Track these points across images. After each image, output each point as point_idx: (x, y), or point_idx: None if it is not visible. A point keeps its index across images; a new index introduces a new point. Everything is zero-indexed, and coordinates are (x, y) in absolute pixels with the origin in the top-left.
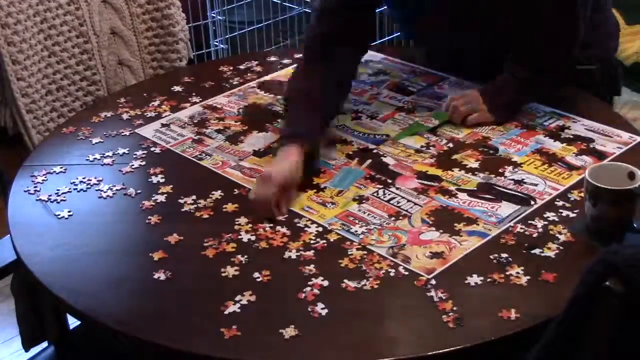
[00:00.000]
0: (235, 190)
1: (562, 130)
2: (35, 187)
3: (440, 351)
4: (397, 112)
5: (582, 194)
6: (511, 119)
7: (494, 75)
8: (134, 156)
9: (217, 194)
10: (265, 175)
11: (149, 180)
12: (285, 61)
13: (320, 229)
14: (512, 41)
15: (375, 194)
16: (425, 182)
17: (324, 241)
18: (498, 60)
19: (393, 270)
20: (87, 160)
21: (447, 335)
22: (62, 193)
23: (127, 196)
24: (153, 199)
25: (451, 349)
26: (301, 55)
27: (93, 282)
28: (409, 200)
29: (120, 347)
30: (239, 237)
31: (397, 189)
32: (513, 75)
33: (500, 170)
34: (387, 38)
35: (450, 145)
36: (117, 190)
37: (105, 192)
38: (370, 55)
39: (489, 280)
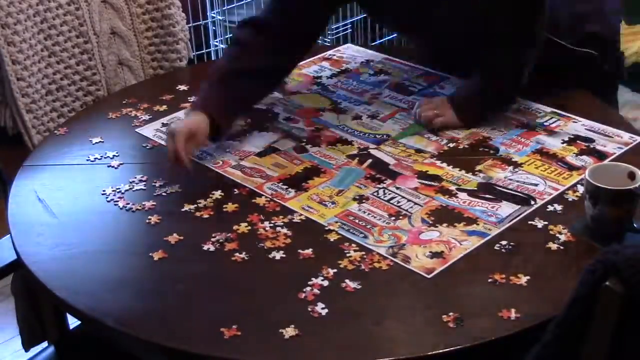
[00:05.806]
0: (236, 190)
1: (562, 130)
2: (35, 186)
3: (440, 351)
4: (398, 111)
5: (580, 194)
6: (478, 125)
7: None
8: (135, 156)
9: (217, 193)
10: (170, 130)
11: (149, 179)
12: None
13: (321, 228)
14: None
15: (375, 194)
16: (426, 182)
17: (324, 241)
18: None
19: (393, 270)
20: (87, 160)
21: (447, 335)
22: (63, 193)
23: (127, 196)
24: (153, 198)
25: (451, 349)
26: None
27: (93, 282)
28: (409, 200)
29: (120, 347)
30: (239, 237)
31: (397, 188)
32: (479, 85)
33: (500, 170)
34: (387, 38)
35: (451, 145)
36: (117, 189)
37: (105, 191)
38: (371, 55)
39: (489, 280)
